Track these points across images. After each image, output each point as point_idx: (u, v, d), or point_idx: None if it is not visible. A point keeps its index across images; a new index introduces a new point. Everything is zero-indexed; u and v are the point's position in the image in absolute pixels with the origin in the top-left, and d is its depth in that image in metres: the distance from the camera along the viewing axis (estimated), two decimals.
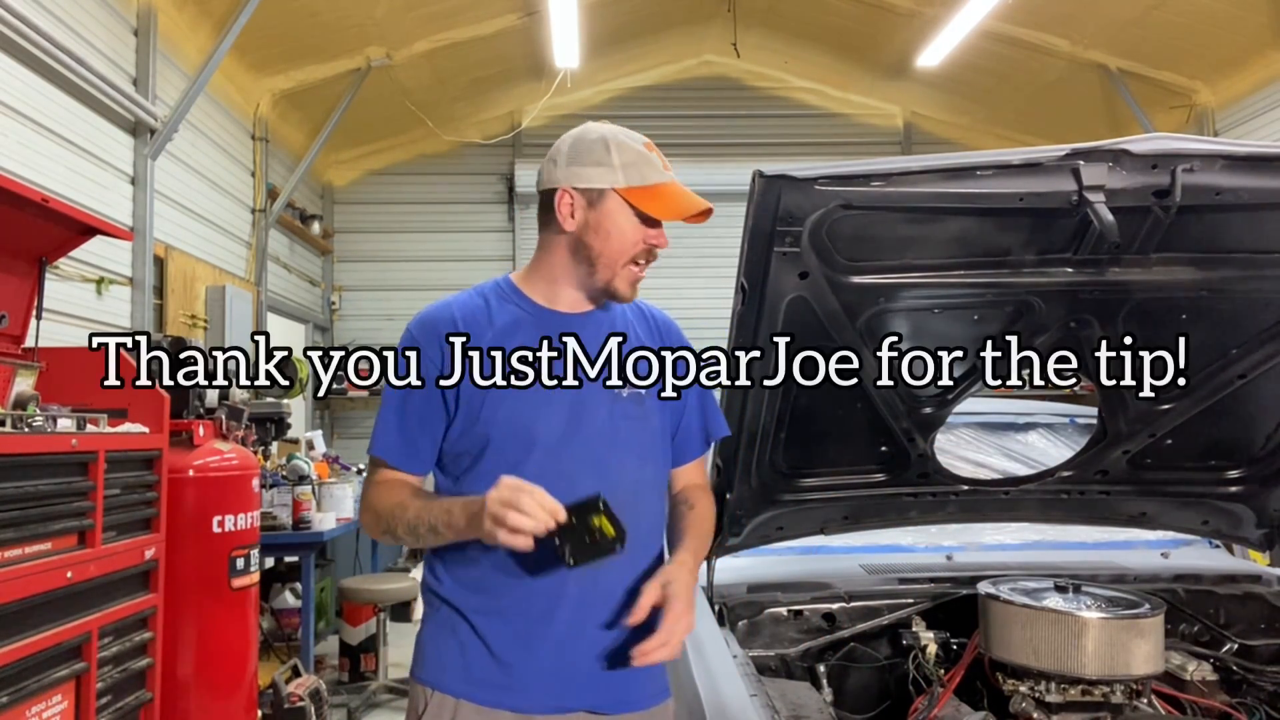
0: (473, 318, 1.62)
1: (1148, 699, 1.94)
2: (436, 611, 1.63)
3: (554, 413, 1.57)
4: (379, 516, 1.60)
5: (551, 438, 1.56)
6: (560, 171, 1.59)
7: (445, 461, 1.64)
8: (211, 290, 5.95)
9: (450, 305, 1.64)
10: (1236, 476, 2.30)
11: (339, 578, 5.71)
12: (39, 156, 4.17)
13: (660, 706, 1.67)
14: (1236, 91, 6.67)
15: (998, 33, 6.89)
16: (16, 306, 2.84)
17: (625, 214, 1.56)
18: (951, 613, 2.30)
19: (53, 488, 2.44)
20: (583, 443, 1.58)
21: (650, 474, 1.67)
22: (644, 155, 1.58)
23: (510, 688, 1.55)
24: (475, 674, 1.56)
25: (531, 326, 1.62)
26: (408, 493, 1.59)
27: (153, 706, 2.87)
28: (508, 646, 1.56)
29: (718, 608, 2.24)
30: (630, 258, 1.58)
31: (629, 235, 1.57)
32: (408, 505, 1.56)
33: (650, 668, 1.61)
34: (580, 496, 1.42)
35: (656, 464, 1.69)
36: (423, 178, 8.88)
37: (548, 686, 1.55)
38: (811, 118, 9.06)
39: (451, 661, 1.58)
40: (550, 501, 1.38)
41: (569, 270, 1.62)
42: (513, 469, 1.50)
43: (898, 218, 1.68)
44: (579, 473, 1.56)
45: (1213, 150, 1.57)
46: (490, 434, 1.56)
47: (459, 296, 1.67)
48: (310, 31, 6.36)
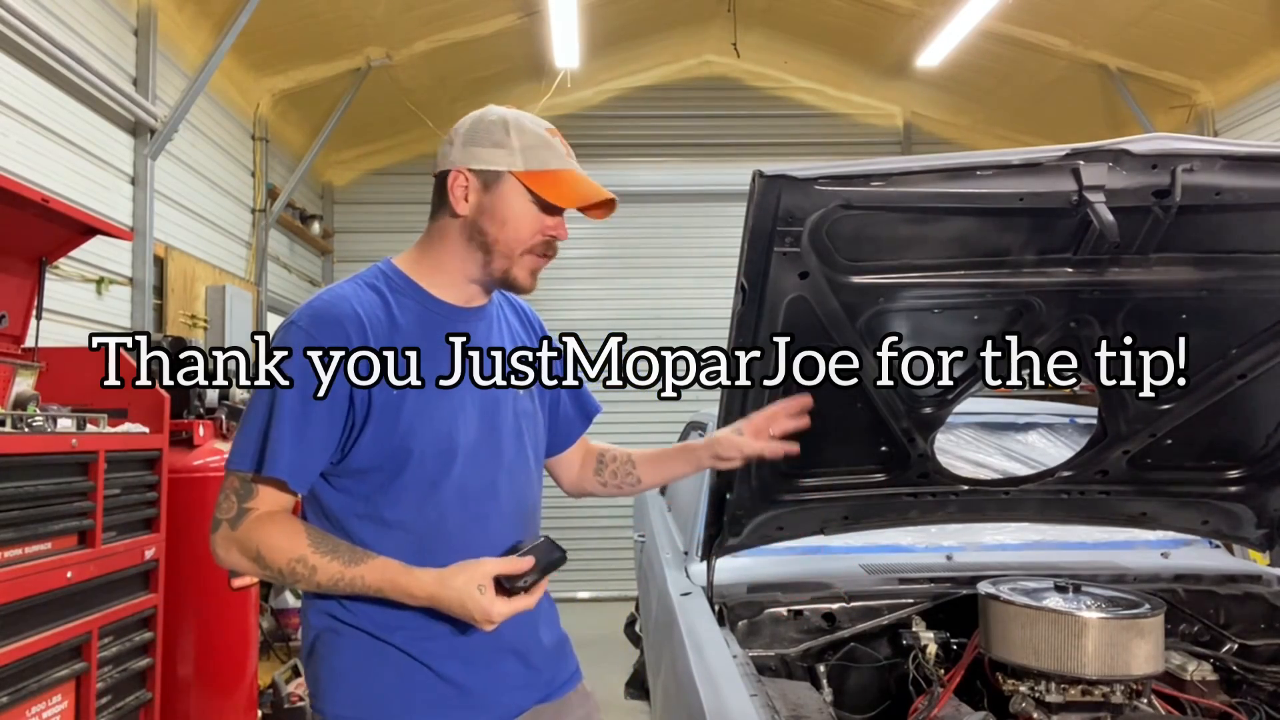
0: (374, 314, 1.46)
1: (1148, 699, 1.94)
2: (349, 643, 1.47)
3: (469, 418, 1.51)
4: (266, 566, 1.39)
5: (469, 445, 1.50)
6: (456, 152, 1.50)
7: (342, 479, 1.46)
8: (211, 290, 5.95)
9: (347, 299, 1.46)
10: (1236, 476, 2.30)
11: None
12: (39, 156, 4.17)
13: (582, 683, 1.71)
14: (1236, 91, 6.67)
15: (998, 33, 6.89)
16: (16, 306, 2.84)
17: (522, 199, 1.47)
18: (951, 613, 2.30)
19: (53, 488, 2.44)
20: (495, 446, 1.55)
21: (540, 471, 1.71)
22: (545, 139, 1.50)
23: (463, 705, 1.50)
24: (420, 698, 1.47)
25: (436, 325, 1.51)
26: (304, 543, 1.39)
27: (153, 706, 2.87)
28: (450, 666, 1.48)
29: (718, 608, 2.24)
30: (528, 246, 1.49)
31: (526, 222, 1.48)
32: (317, 568, 1.37)
33: (569, 649, 1.71)
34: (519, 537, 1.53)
35: (541, 457, 1.72)
36: (423, 178, 8.77)
37: (498, 695, 1.54)
38: (811, 118, 9.05)
39: (387, 689, 1.46)
40: (521, 603, 1.41)
41: (462, 258, 1.52)
42: (432, 483, 1.46)
43: (898, 218, 1.68)
44: (496, 478, 1.54)
45: (1213, 150, 1.57)
46: (411, 446, 1.43)
47: (347, 288, 1.50)
48: (310, 31, 6.36)
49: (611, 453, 1.84)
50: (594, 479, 1.84)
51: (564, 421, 1.78)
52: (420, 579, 1.38)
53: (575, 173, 1.50)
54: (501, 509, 1.55)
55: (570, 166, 1.51)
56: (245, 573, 1.47)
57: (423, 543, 1.46)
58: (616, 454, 1.84)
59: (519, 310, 1.75)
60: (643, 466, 1.82)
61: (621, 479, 1.83)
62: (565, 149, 1.52)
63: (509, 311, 1.71)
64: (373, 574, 1.38)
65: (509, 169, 1.47)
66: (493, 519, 1.53)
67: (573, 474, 1.85)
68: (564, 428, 1.79)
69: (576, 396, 1.81)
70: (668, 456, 1.81)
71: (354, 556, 1.40)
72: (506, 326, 1.66)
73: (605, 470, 1.83)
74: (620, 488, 1.84)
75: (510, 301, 1.73)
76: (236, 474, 1.43)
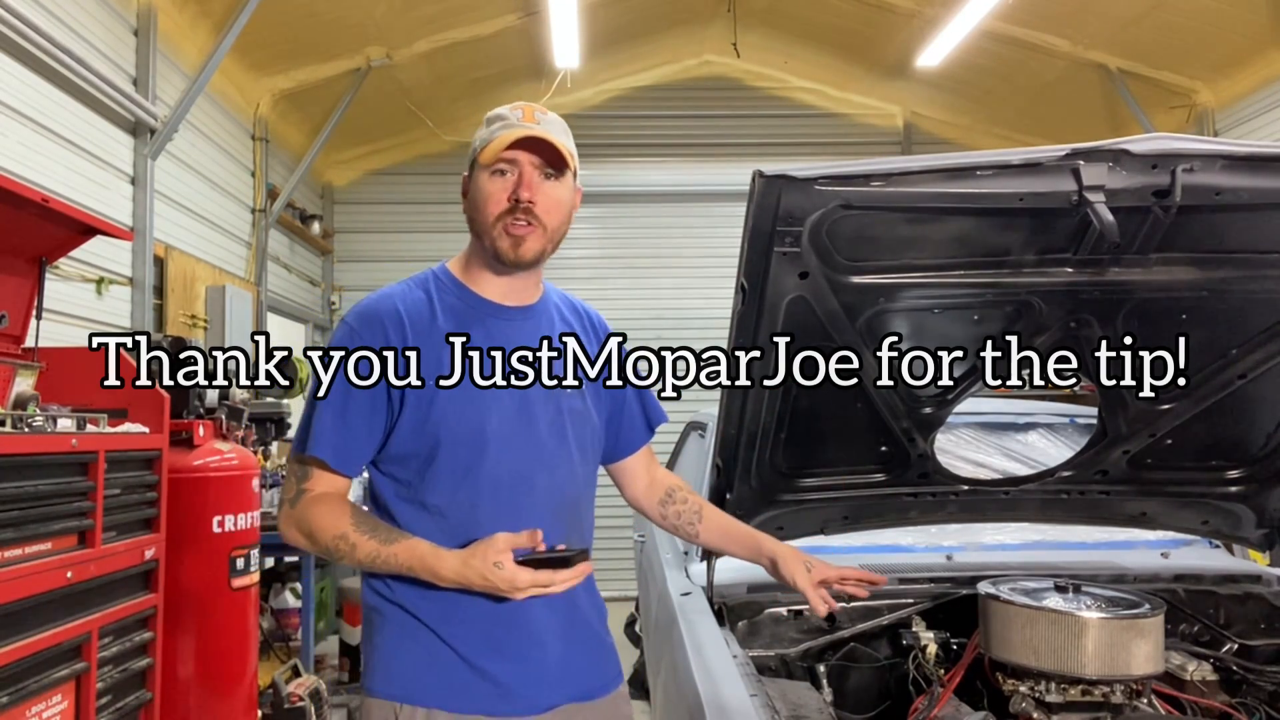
0: (417, 311, 1.56)
1: (1148, 699, 1.94)
2: (389, 620, 1.55)
3: (503, 410, 1.55)
4: (316, 542, 1.51)
5: (502, 436, 1.54)
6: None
7: (388, 465, 1.56)
8: (211, 290, 5.95)
9: (392, 297, 1.58)
10: (1236, 476, 2.30)
11: (339, 578, 5.71)
12: (39, 156, 4.17)
13: (621, 688, 1.70)
14: (1236, 91, 6.67)
15: (998, 33, 6.89)
16: (16, 306, 2.83)
17: (483, 175, 1.54)
18: (951, 613, 2.30)
19: (53, 488, 2.44)
20: (534, 440, 1.57)
21: (590, 469, 1.70)
22: (500, 114, 1.57)
23: (489, 694, 1.52)
24: (449, 682, 1.51)
25: (476, 321, 1.58)
26: (349, 522, 1.50)
27: (153, 706, 2.87)
28: (480, 653, 1.52)
29: (718, 608, 2.24)
30: (496, 215, 1.53)
31: (486, 193, 1.54)
32: (356, 545, 1.48)
33: (609, 652, 1.69)
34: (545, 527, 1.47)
35: (594, 459, 1.72)
36: (423, 178, 8.87)
37: (526, 688, 1.54)
38: (811, 118, 9.05)
39: (419, 671, 1.52)
40: (545, 577, 1.42)
41: (476, 249, 1.61)
42: (466, 470, 1.52)
43: (898, 218, 1.68)
44: (531, 471, 1.56)
45: (1213, 150, 1.57)
46: (440, 435, 1.51)
47: (397, 289, 1.61)
48: (310, 31, 6.36)
49: (683, 494, 1.84)
50: (656, 507, 1.85)
51: (626, 427, 1.79)
52: (446, 560, 1.44)
53: (511, 128, 1.52)
54: (536, 502, 1.56)
55: (512, 128, 1.52)
56: (302, 549, 1.62)
57: (455, 528, 1.51)
58: (688, 498, 1.84)
59: (580, 312, 1.77)
60: (707, 526, 1.82)
61: (683, 525, 1.83)
62: (520, 115, 1.55)
63: (566, 312, 1.73)
64: (404, 553, 1.46)
65: (474, 155, 1.57)
66: (526, 510, 1.54)
67: (636, 489, 1.86)
68: (625, 434, 1.80)
69: (641, 403, 1.81)
70: (733, 535, 1.82)
71: (389, 536, 1.49)
72: (560, 328, 1.68)
73: (669, 507, 1.84)
74: (677, 530, 1.85)
75: (572, 304, 1.76)
76: (294, 457, 1.58)
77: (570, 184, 1.59)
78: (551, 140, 1.52)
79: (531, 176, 1.53)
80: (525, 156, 1.52)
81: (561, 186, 1.57)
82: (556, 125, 1.57)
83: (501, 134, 1.52)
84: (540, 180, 1.54)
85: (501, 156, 1.52)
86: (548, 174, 1.55)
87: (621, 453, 1.82)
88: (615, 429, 1.78)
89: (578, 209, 1.64)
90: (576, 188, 1.62)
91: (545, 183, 1.54)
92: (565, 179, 1.57)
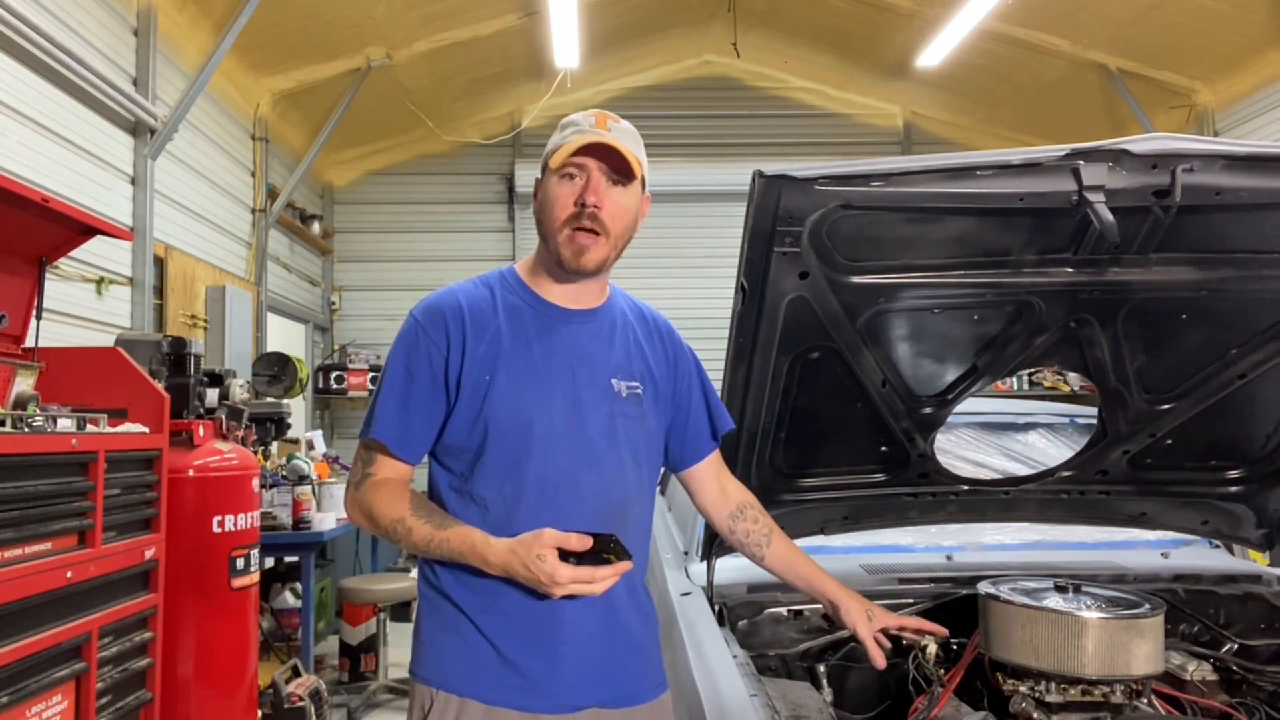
0: (478, 308, 1.61)
1: (1148, 699, 1.94)
2: (436, 607, 1.61)
3: (554, 409, 1.57)
4: (376, 524, 1.58)
5: (551, 434, 1.56)
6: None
7: (445, 455, 1.62)
8: (211, 290, 5.95)
9: (455, 293, 1.63)
10: (1236, 476, 2.30)
11: (339, 578, 5.71)
12: (39, 156, 4.17)
13: (661, 699, 1.69)
14: (1236, 91, 6.67)
15: (998, 33, 6.89)
16: (16, 306, 2.83)
17: (552, 179, 1.58)
18: (951, 613, 2.29)
19: (53, 488, 2.44)
20: (582, 440, 1.59)
21: (645, 474, 1.69)
22: (573, 120, 1.59)
23: (519, 688, 1.54)
24: (481, 674, 1.55)
25: (535, 321, 1.62)
26: (407, 507, 1.56)
27: (153, 706, 2.87)
28: (514, 646, 1.55)
29: (718, 608, 2.24)
30: (562, 221, 1.56)
31: (554, 198, 1.56)
32: (413, 529, 1.54)
33: (652, 660, 1.68)
34: (596, 527, 1.49)
35: (650, 465, 1.72)
36: (423, 178, 8.88)
37: (556, 686, 1.55)
38: (811, 118, 9.05)
39: (456, 660, 1.56)
40: (585, 574, 1.44)
41: (541, 253, 1.65)
42: (514, 465, 1.55)
43: (898, 218, 1.67)
44: (578, 470, 1.57)
45: (1213, 150, 1.57)
46: (489, 429, 1.55)
47: (464, 285, 1.66)
48: (310, 31, 6.36)
49: (753, 513, 1.84)
50: (726, 520, 1.85)
51: (692, 436, 1.80)
52: (495, 546, 1.48)
53: (582, 137, 1.54)
54: (582, 502, 1.57)
55: (583, 133, 1.55)
56: (365, 530, 1.70)
57: (498, 521, 1.54)
58: (759, 518, 1.84)
59: (646, 317, 1.77)
60: (774, 552, 1.83)
61: (750, 545, 1.83)
62: (593, 121, 1.57)
63: (631, 316, 1.73)
64: (456, 538, 1.51)
65: (545, 160, 1.60)
66: (569, 510, 1.55)
67: (706, 498, 1.86)
68: (691, 441, 1.80)
69: (708, 411, 1.81)
70: (797, 569, 1.83)
71: (444, 522, 1.54)
72: (621, 333, 1.69)
73: (739, 524, 1.84)
74: (743, 547, 1.85)
75: (638, 309, 1.77)
76: (361, 441, 1.63)
77: (638, 191, 1.61)
78: (619, 147, 1.53)
79: (599, 182, 1.55)
80: (594, 162, 1.55)
81: (629, 194, 1.58)
82: (627, 134, 1.59)
83: (572, 139, 1.54)
84: (607, 186, 1.56)
85: (570, 161, 1.54)
86: (615, 180, 1.56)
87: (687, 460, 1.82)
88: (680, 436, 1.79)
89: (645, 217, 1.66)
90: (645, 195, 1.64)
91: (612, 189, 1.56)
92: (633, 186, 1.59)
